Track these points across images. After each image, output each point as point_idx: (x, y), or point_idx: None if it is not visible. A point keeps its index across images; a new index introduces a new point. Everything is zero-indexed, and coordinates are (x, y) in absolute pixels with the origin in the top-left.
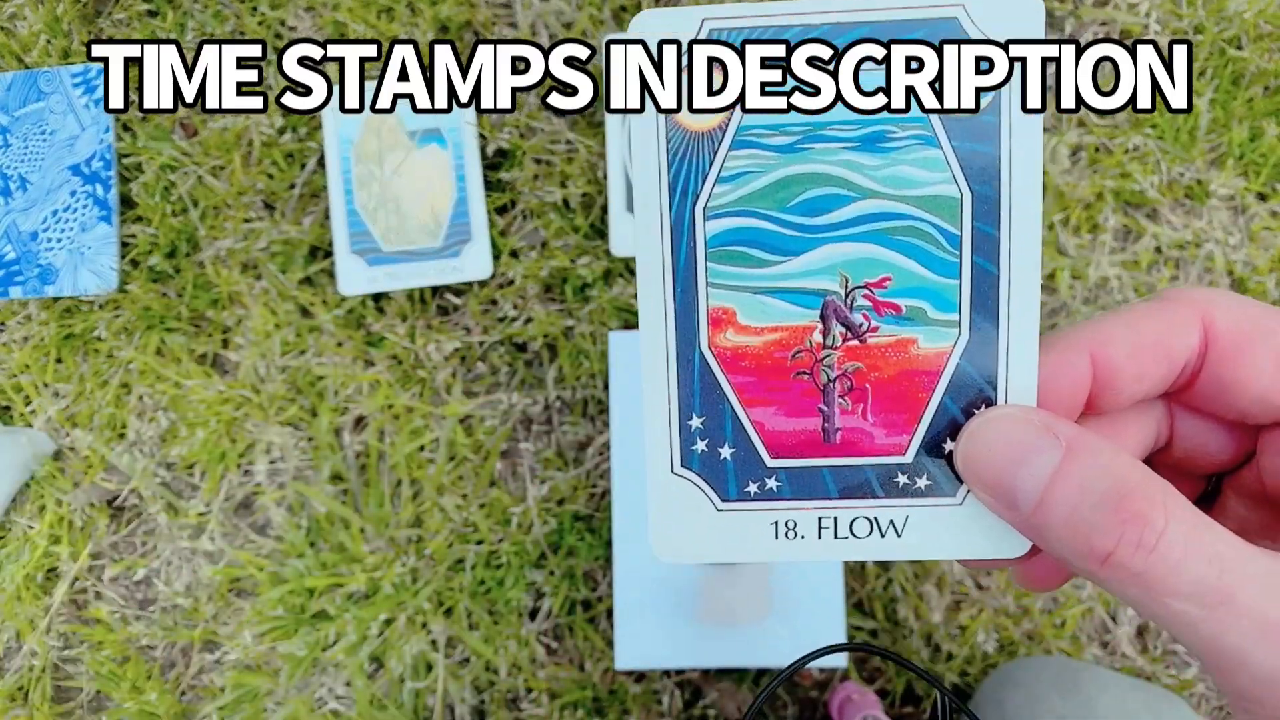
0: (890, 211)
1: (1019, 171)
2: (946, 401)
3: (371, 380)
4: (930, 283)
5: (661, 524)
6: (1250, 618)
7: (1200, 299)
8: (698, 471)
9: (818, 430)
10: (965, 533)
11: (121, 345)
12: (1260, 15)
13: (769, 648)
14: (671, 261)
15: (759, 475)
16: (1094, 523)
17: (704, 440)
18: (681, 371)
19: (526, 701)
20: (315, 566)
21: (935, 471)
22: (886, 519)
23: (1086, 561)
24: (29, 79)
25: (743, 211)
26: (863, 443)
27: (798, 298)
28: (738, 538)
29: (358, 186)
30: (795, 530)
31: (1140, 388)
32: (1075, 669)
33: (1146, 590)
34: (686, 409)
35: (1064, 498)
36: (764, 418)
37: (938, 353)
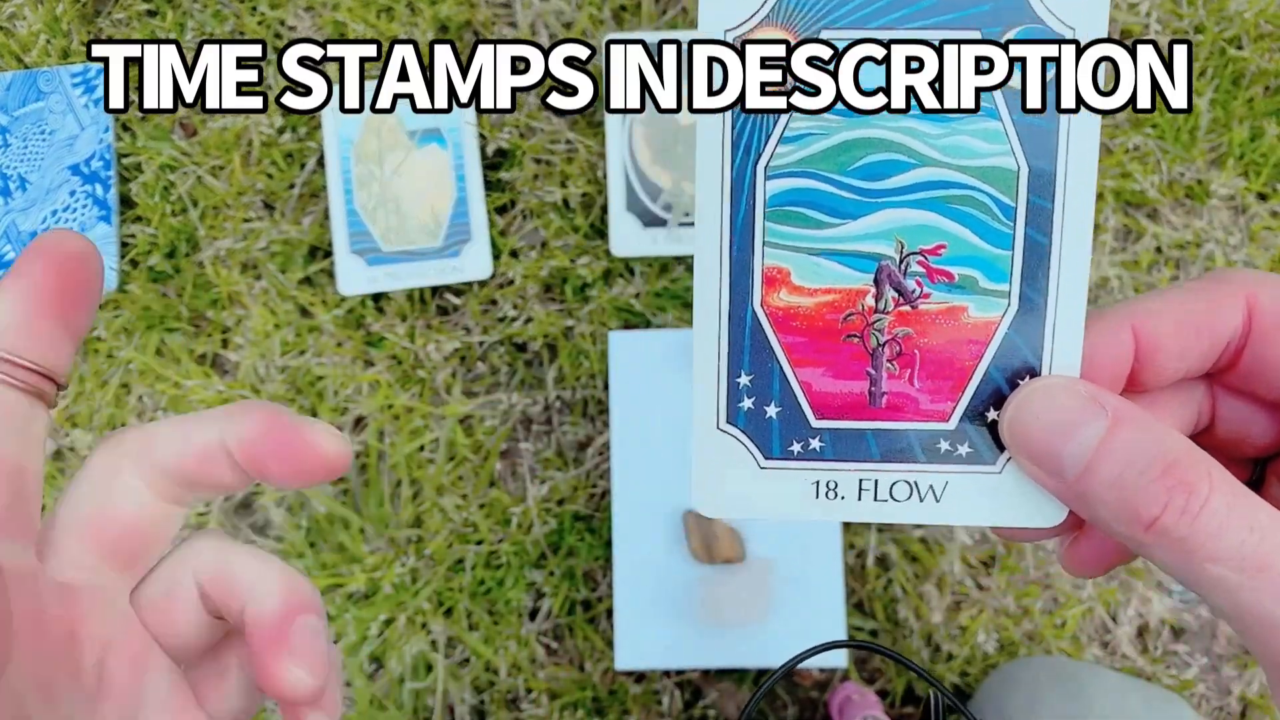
0: (948, 180)
1: (1076, 147)
2: (992, 371)
3: (371, 380)
4: (983, 252)
5: (704, 479)
6: None
7: (1246, 279)
8: (743, 429)
9: (864, 393)
10: (1003, 501)
11: (121, 345)
12: (1261, 15)
13: (769, 648)
14: (730, 218)
15: (803, 435)
16: (1140, 489)
17: (751, 398)
18: (733, 329)
19: (526, 702)
20: (315, 567)
21: (977, 439)
22: (926, 484)
23: (1132, 527)
24: (28, 79)
25: (804, 173)
26: (907, 408)
27: (853, 261)
28: (779, 495)
29: (357, 186)
30: (836, 491)
31: (1182, 365)
32: (1075, 669)
33: (1188, 556)
34: (735, 366)
35: (1111, 465)
36: (812, 378)
37: (987, 322)
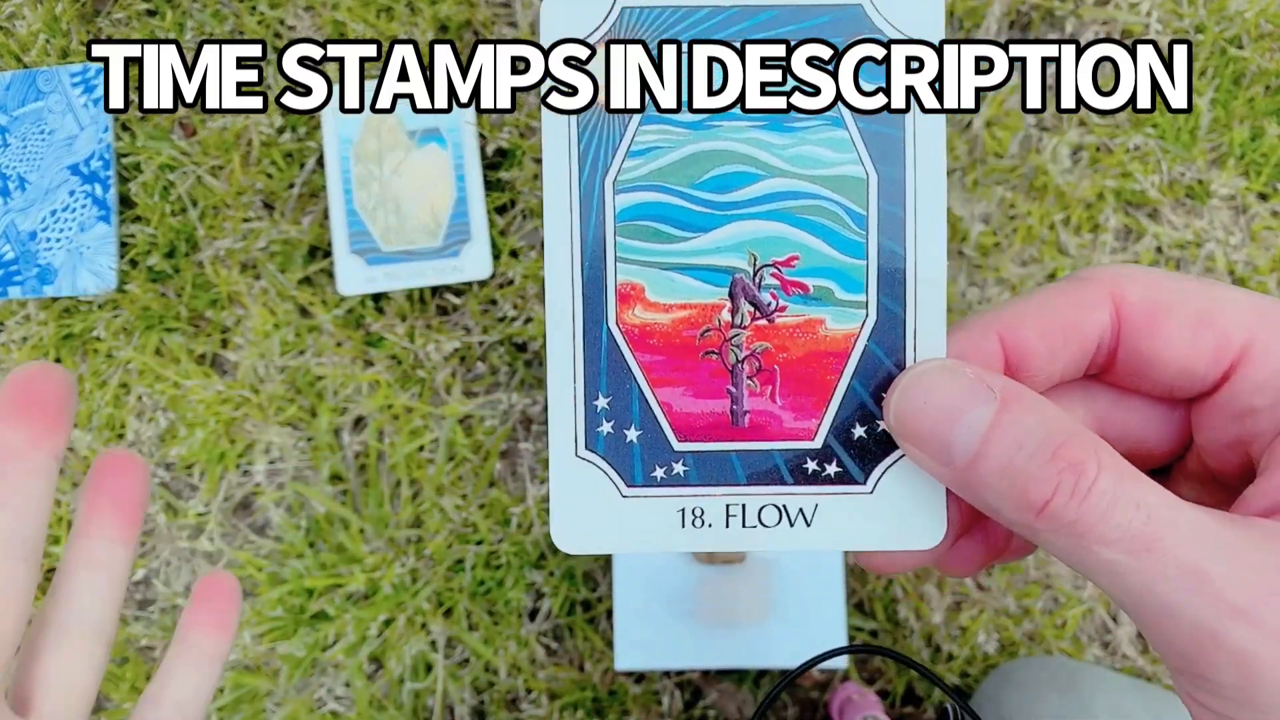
0: (798, 190)
1: (923, 152)
2: (855, 385)
3: (371, 380)
4: (838, 263)
5: (563, 511)
6: (1177, 565)
7: (1110, 275)
8: (602, 454)
9: (726, 413)
10: (877, 522)
11: (120, 345)
12: (1261, 15)
13: (769, 648)
14: (580, 234)
15: (666, 459)
16: (1030, 473)
17: (610, 421)
18: (588, 349)
19: (526, 702)
20: (314, 567)
21: (845, 458)
22: (796, 507)
23: (1023, 512)
24: (28, 78)
25: (653, 186)
26: (771, 426)
27: (706, 275)
28: (643, 526)
29: (357, 186)
30: (703, 518)
31: (1054, 368)
32: (1075, 669)
33: (1078, 539)
34: (593, 388)
35: (1001, 450)
36: (672, 398)
37: (846, 334)
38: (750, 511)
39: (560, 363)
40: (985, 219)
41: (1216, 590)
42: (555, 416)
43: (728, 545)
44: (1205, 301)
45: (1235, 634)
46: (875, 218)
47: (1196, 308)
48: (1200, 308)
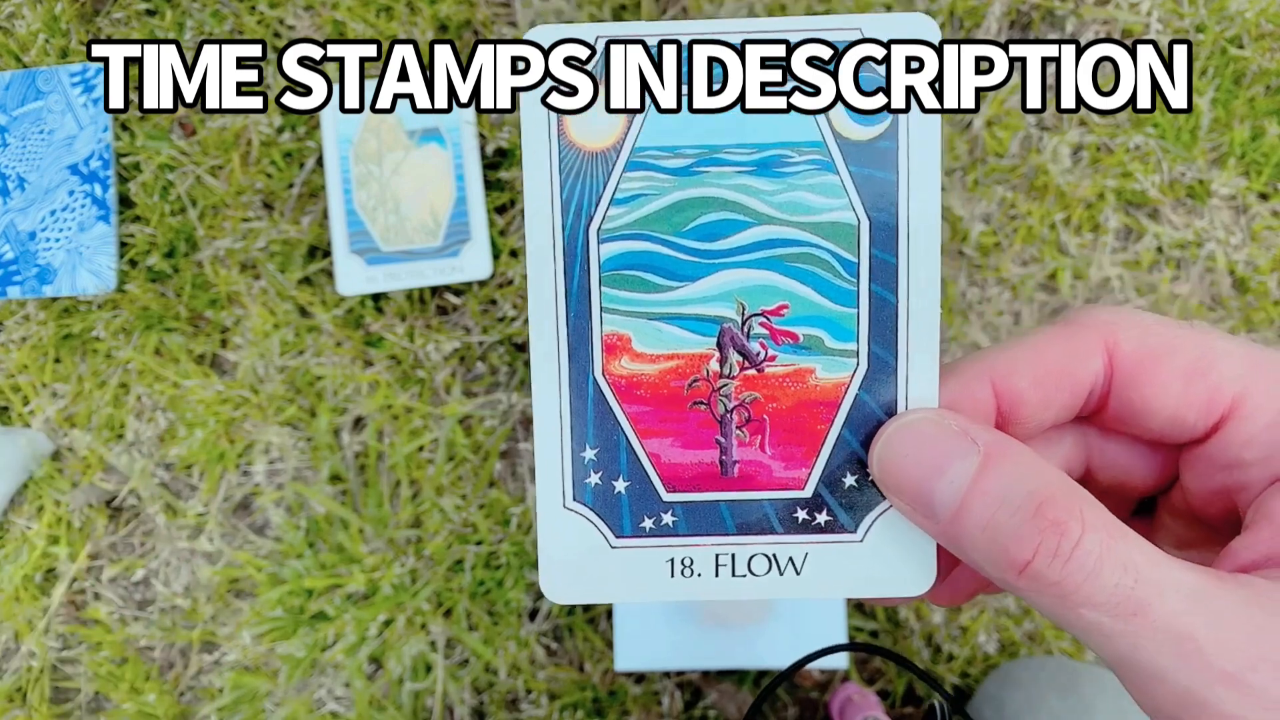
0: (787, 238)
1: (917, 198)
2: (845, 434)
3: (370, 380)
4: (828, 311)
5: (552, 563)
6: (1166, 630)
7: (1103, 321)
8: (591, 506)
9: (715, 463)
10: (867, 570)
11: (120, 345)
12: (1261, 14)
13: (769, 649)
14: (564, 284)
15: (655, 510)
16: (1011, 531)
17: (598, 473)
18: (575, 400)
19: (526, 702)
20: (314, 567)
21: (835, 507)
22: (786, 556)
23: (1004, 571)
24: (27, 78)
25: (638, 235)
26: (761, 476)
27: (694, 325)
28: (632, 577)
29: (357, 186)
30: (692, 568)
31: (1047, 415)
32: (1074, 669)
33: (1061, 600)
34: (580, 440)
35: (982, 507)
36: (660, 449)
37: (836, 383)
38: (740, 560)
39: (547, 414)
40: (986, 219)
41: (1204, 656)
42: (542, 468)
43: (718, 594)
44: (1199, 352)
45: (1225, 700)
46: (866, 264)
47: (1190, 358)
48: (1194, 358)
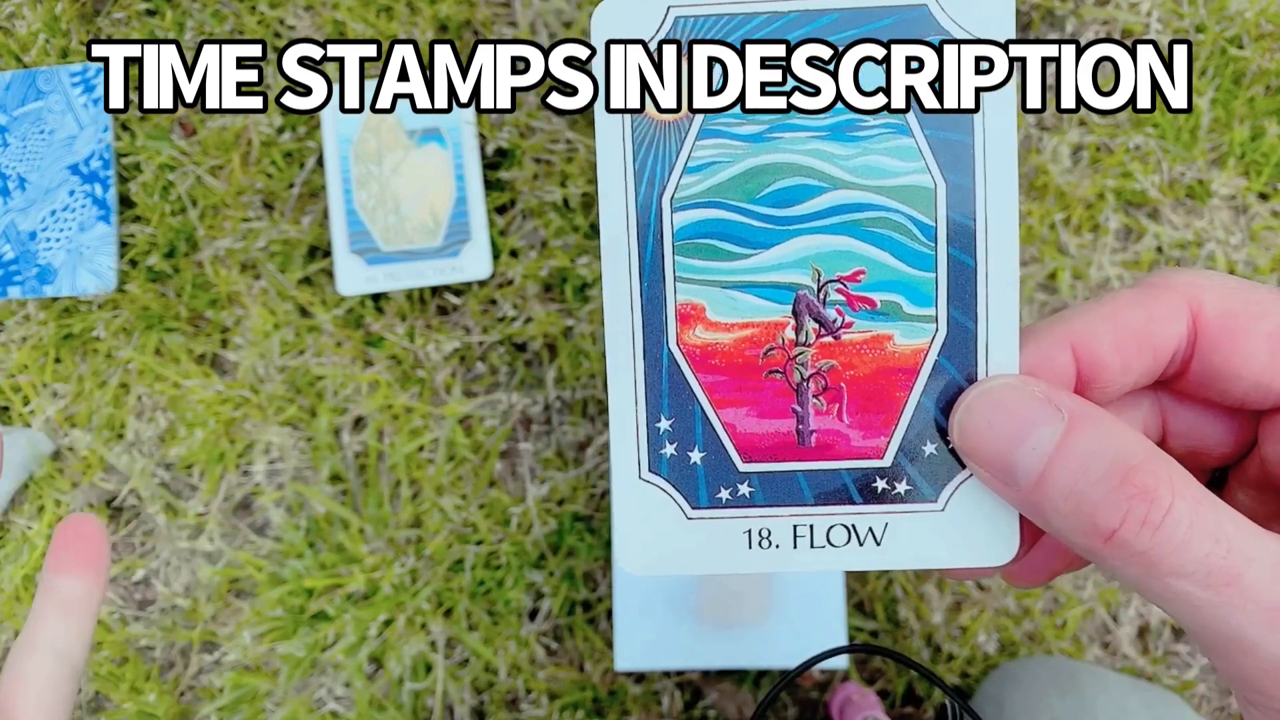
0: (862, 202)
1: (994, 160)
2: (924, 401)
3: (371, 380)
4: (905, 276)
5: (629, 534)
6: (1257, 601)
7: (1186, 284)
8: (666, 477)
9: (792, 432)
10: (948, 540)
11: (120, 345)
12: (1261, 14)
13: (770, 649)
14: (638, 254)
15: (731, 481)
16: (1098, 499)
17: (673, 444)
18: (649, 370)
19: (526, 702)
20: (314, 567)
21: (915, 476)
22: (865, 526)
23: (1090, 539)
24: (27, 78)
25: (711, 203)
26: (839, 445)
27: (769, 292)
28: (709, 548)
29: (357, 186)
30: (769, 539)
31: (1127, 380)
32: (1075, 669)
33: (1149, 569)
34: (654, 410)
35: (1066, 473)
36: (735, 419)
37: (914, 349)
38: (819, 532)
39: (621, 385)
40: None
41: None
42: (617, 439)
43: (797, 566)
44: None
45: None
46: (944, 228)
47: (1276, 323)
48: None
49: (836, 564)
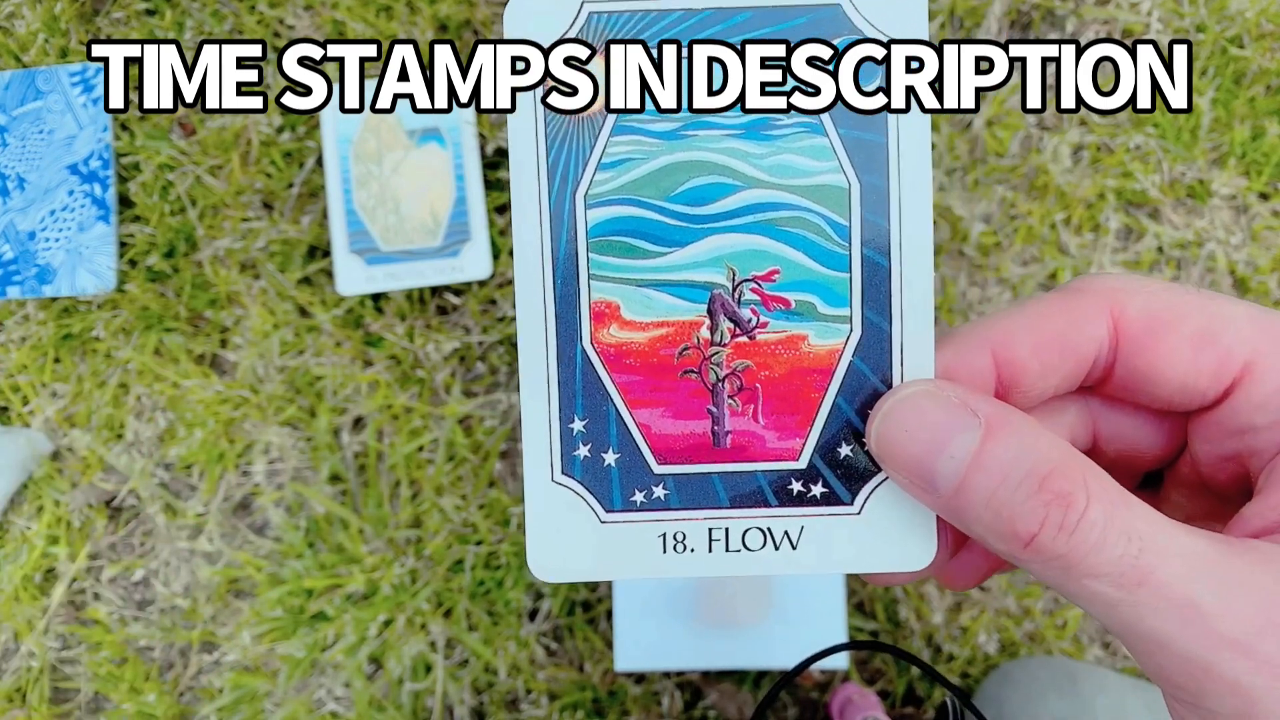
0: (777, 201)
1: (908, 160)
2: (840, 402)
3: (370, 380)
4: (820, 276)
5: (541, 539)
6: (1169, 599)
7: (1108, 288)
8: (580, 479)
9: (707, 433)
10: (865, 544)
11: (119, 345)
12: (1262, 14)
13: (769, 649)
14: (551, 251)
15: (646, 483)
16: (1016, 505)
17: (586, 445)
18: (562, 370)
19: (526, 703)
20: (314, 567)
21: (831, 478)
22: (781, 530)
23: (1010, 544)
24: (27, 78)
25: (625, 200)
26: (754, 447)
27: (684, 291)
28: (623, 552)
29: (356, 186)
30: (685, 543)
31: (1048, 384)
32: (1074, 669)
33: (1066, 572)
34: (568, 411)
35: (985, 480)
36: (650, 420)
37: (829, 350)
38: (734, 535)
39: (534, 385)
40: (986, 219)
41: (1209, 624)
42: (530, 440)
43: (712, 570)
44: (1206, 318)
45: (1231, 667)
46: (858, 228)
47: (1198, 324)
48: (1201, 324)
49: (752, 568)
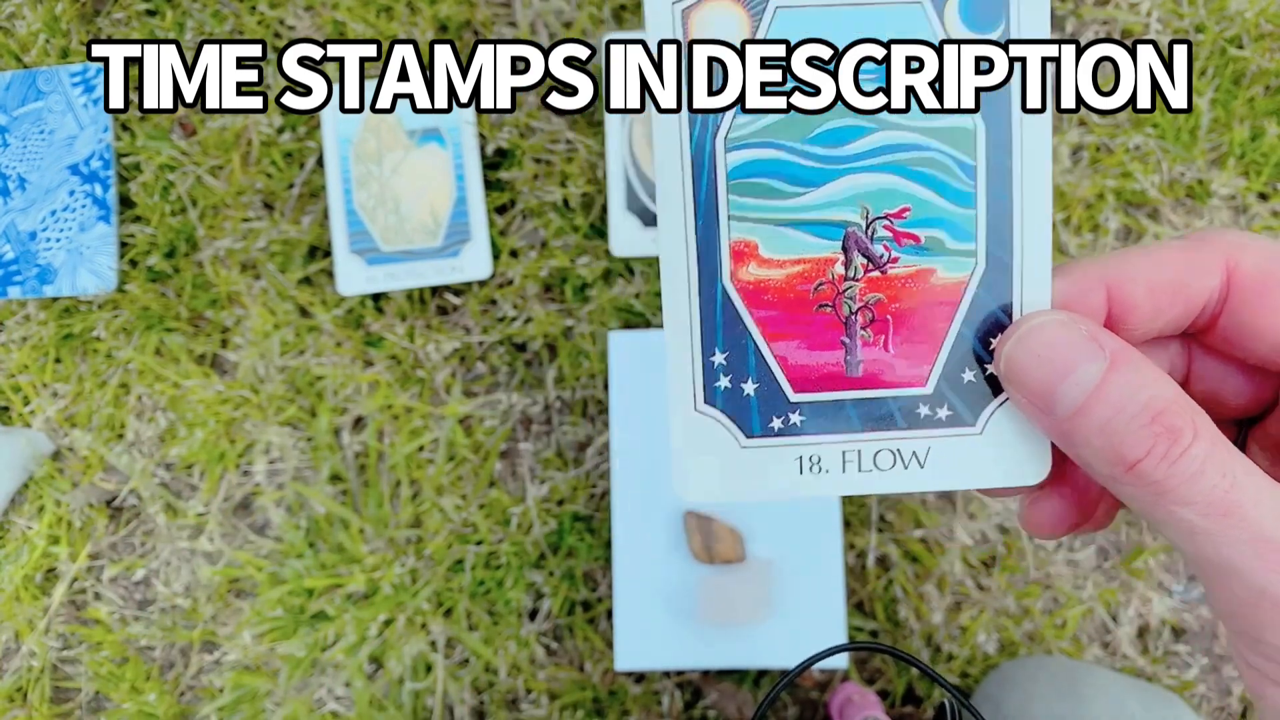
0: (908, 143)
1: (1030, 104)
2: (964, 331)
3: (371, 380)
4: (948, 213)
5: (685, 464)
6: (1250, 532)
7: (1228, 242)
8: (721, 409)
9: (840, 364)
10: (985, 462)
11: (120, 345)
12: (1261, 15)
13: (769, 648)
14: (693, 193)
15: (783, 410)
16: (1128, 434)
17: (727, 376)
18: (704, 307)
19: (526, 702)
20: (314, 567)
21: (956, 402)
22: (910, 450)
23: (1114, 468)
24: (28, 78)
25: (764, 143)
26: (885, 375)
27: (820, 229)
28: (762, 475)
29: (357, 186)
30: (819, 465)
31: (1155, 325)
32: (1073, 669)
33: (1159, 497)
34: (709, 345)
35: (1103, 409)
36: (787, 352)
37: (956, 282)
38: (866, 456)
39: (677, 321)
40: None
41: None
42: (674, 373)
43: (846, 489)
44: None
45: None
46: (984, 168)
47: None
48: None
49: (883, 486)
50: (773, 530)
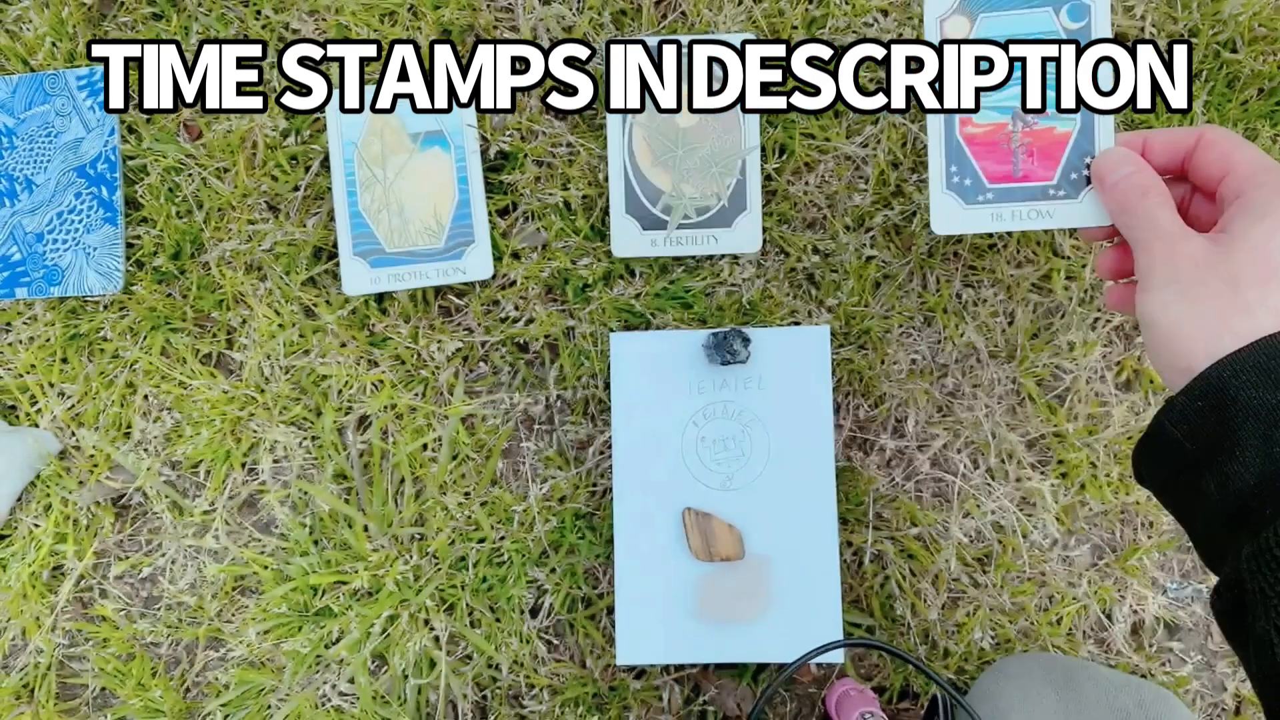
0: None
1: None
2: (1071, 155)
3: (375, 380)
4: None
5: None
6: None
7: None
8: (955, 193)
9: (1010, 169)
10: (1086, 213)
11: (127, 345)
12: (1255, 18)
13: (768, 643)
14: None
15: (984, 191)
16: (1130, 194)
17: (958, 178)
18: (948, 144)
19: (528, 698)
20: (319, 564)
21: (1068, 187)
22: (1047, 209)
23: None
24: (34, 81)
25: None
26: (1033, 176)
27: (1004, 111)
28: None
29: (361, 189)
30: (1001, 218)
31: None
32: (1069, 665)
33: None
34: (951, 166)
35: (1125, 184)
36: (986, 166)
37: (1066, 133)
38: (1023, 214)
39: (936, 157)
40: None
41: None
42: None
43: (1016, 225)
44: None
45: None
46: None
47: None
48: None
49: (1037, 225)
50: (771, 528)
